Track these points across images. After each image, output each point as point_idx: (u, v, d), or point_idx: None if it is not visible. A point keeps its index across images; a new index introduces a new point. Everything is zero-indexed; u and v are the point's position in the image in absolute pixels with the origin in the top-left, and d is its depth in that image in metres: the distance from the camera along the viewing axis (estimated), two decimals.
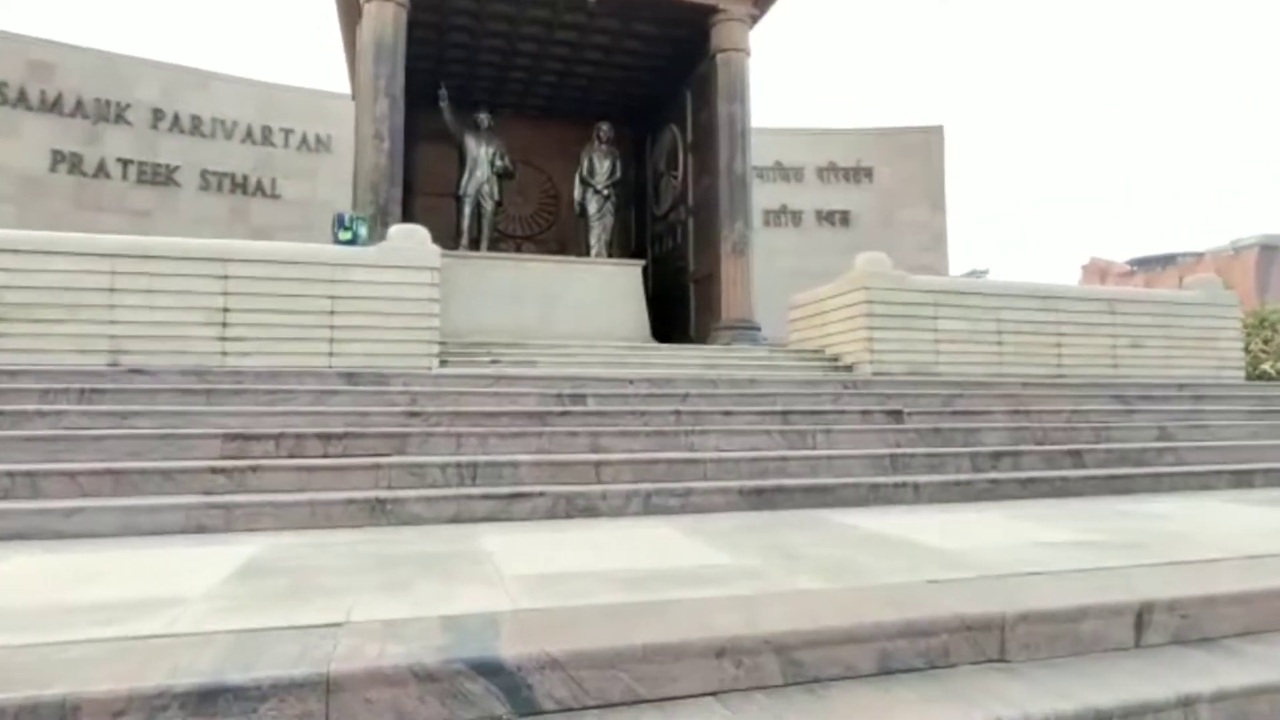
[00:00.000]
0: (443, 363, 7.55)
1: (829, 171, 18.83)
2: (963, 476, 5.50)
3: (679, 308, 13.61)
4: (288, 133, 16.34)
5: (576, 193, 13.74)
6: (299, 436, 5.02)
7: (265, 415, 5.45)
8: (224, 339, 6.89)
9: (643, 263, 13.29)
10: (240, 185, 16.12)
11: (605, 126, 13.68)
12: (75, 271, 6.63)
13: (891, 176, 18.89)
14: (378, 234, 8.13)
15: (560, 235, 15.18)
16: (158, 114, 15.46)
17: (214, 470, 4.55)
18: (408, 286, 7.24)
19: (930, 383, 7.80)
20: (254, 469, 4.60)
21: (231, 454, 4.84)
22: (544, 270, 12.71)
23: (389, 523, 4.34)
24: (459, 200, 13.08)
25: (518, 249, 14.86)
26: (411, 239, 7.36)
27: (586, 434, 5.22)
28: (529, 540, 3.88)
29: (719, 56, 12.14)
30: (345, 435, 5.05)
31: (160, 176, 15.51)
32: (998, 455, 5.87)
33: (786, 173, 18.64)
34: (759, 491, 4.89)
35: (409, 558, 3.44)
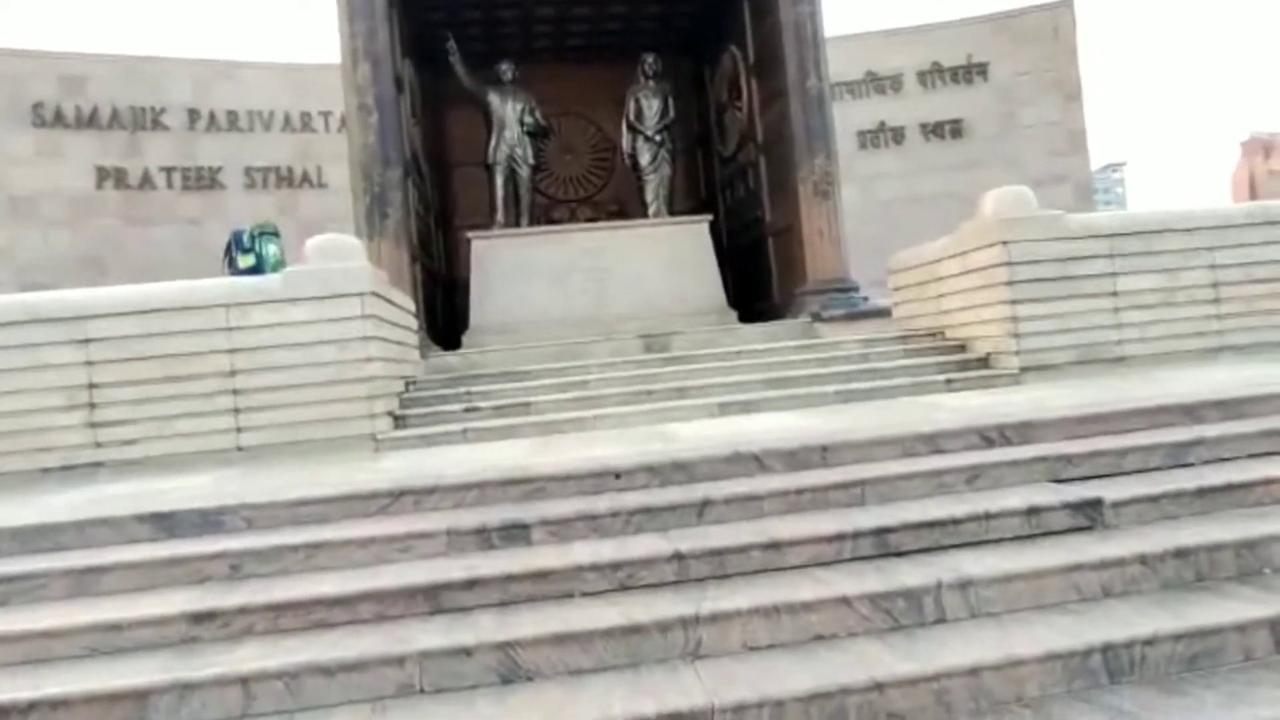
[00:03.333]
0: (398, 422, 5.12)
1: (933, 75, 14.86)
2: None
3: (758, 268, 10.61)
4: (326, 115, 14.11)
5: (625, 142, 10.83)
6: None
7: None
8: (94, 424, 4.70)
9: (708, 218, 10.32)
10: (285, 178, 14.12)
11: (650, 58, 10.60)
12: None
13: (1011, 71, 14.73)
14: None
15: (619, 194, 12.33)
16: (193, 114, 13.52)
17: None
18: (330, 325, 4.78)
19: (1124, 401, 4.65)
20: None
21: None
22: (592, 241, 10.01)
23: None
24: (489, 170, 10.48)
25: (572, 215, 12.19)
26: (334, 257, 4.87)
27: (494, 653, 2.55)
28: None
29: None
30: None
31: (204, 180, 13.67)
32: None
33: (881, 83, 14.85)
34: None
35: None
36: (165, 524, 3.21)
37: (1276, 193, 28.61)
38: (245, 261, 5.03)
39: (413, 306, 6.09)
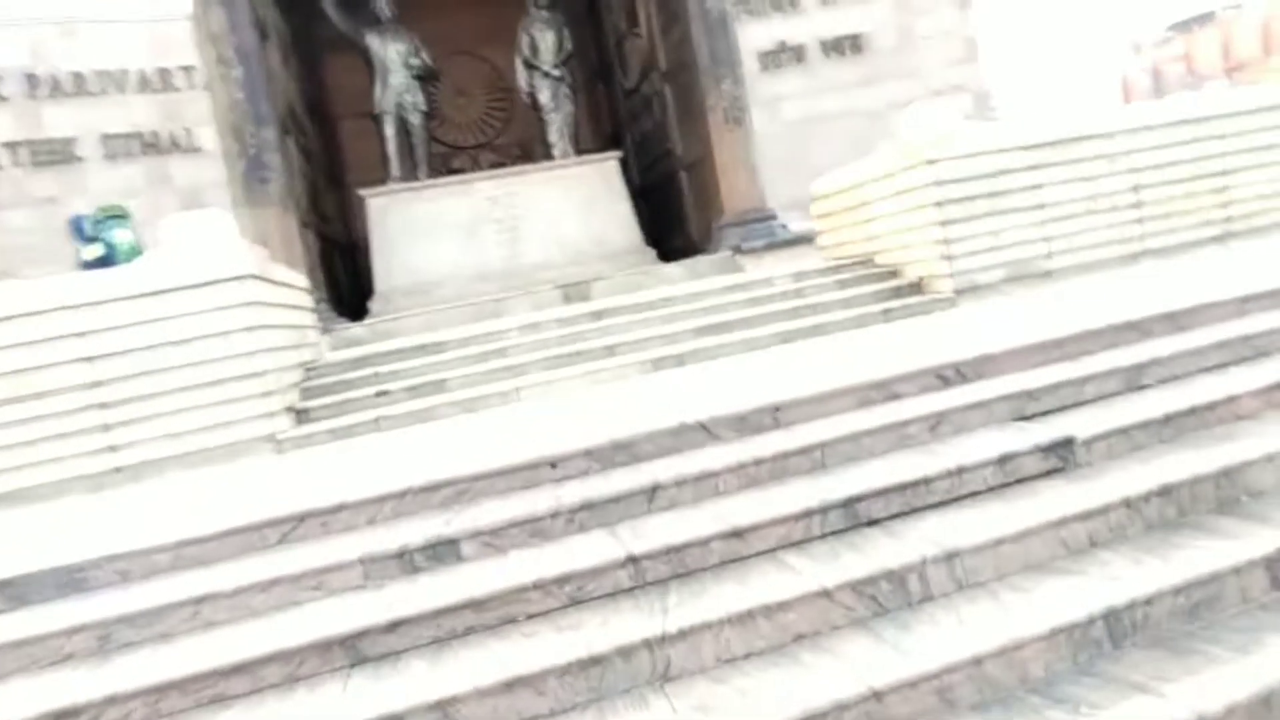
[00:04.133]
0: (301, 417, 4.51)
1: None
2: None
3: (673, 203, 10.12)
4: (189, 71, 12.63)
5: (521, 80, 9.99)
6: None
7: None
8: None
9: (618, 154, 9.71)
10: (151, 144, 12.51)
11: None
12: None
13: None
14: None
15: (522, 137, 11.52)
16: (32, 80, 11.82)
17: None
18: (204, 317, 4.09)
19: (1073, 323, 4.46)
20: None
21: None
22: (498, 188, 9.29)
23: None
24: (376, 121, 9.53)
25: (474, 163, 11.34)
26: (200, 237, 4.15)
27: (432, 715, 2.01)
28: None
29: None
30: None
31: (57, 154, 12.02)
32: None
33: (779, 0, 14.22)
34: None
35: None
36: (12, 592, 2.61)
37: (1148, 90, 29.55)
38: (91, 253, 4.26)
39: (305, 281, 5.40)
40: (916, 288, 5.37)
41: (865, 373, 3.48)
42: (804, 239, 8.28)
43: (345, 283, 10.34)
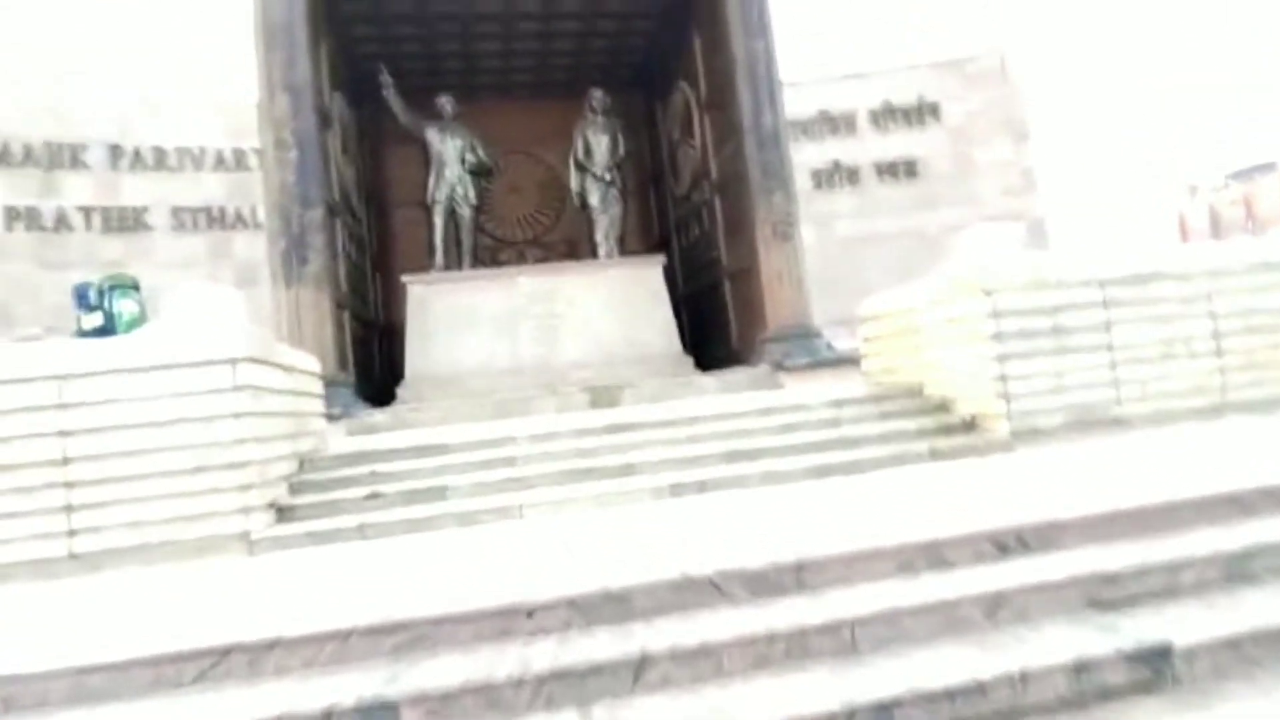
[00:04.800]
0: (283, 515, 4.10)
1: (885, 115, 14.39)
2: None
3: (715, 312, 9.82)
4: (260, 153, 13.10)
5: (573, 181, 10.01)
6: None
7: None
8: None
9: (661, 259, 9.52)
10: (217, 219, 12.94)
11: (598, 93, 9.85)
12: None
13: (963, 111, 14.36)
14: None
15: (569, 234, 11.50)
16: (116, 151, 12.33)
17: None
18: (192, 399, 3.78)
19: (1158, 490, 3.87)
20: None
21: None
22: (539, 284, 9.11)
23: None
24: (428, 210, 9.56)
25: (520, 257, 11.30)
26: (200, 313, 3.89)
27: None
28: None
29: None
30: None
31: (128, 221, 12.40)
32: None
33: (835, 122, 14.31)
34: None
35: None
36: None
37: (1205, 232, 28.97)
38: (90, 322, 4.01)
39: (316, 365, 5.10)
40: (968, 426, 4.82)
41: (907, 528, 2.93)
42: (849, 360, 7.82)
43: (382, 367, 10.17)
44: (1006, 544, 2.86)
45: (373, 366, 9.91)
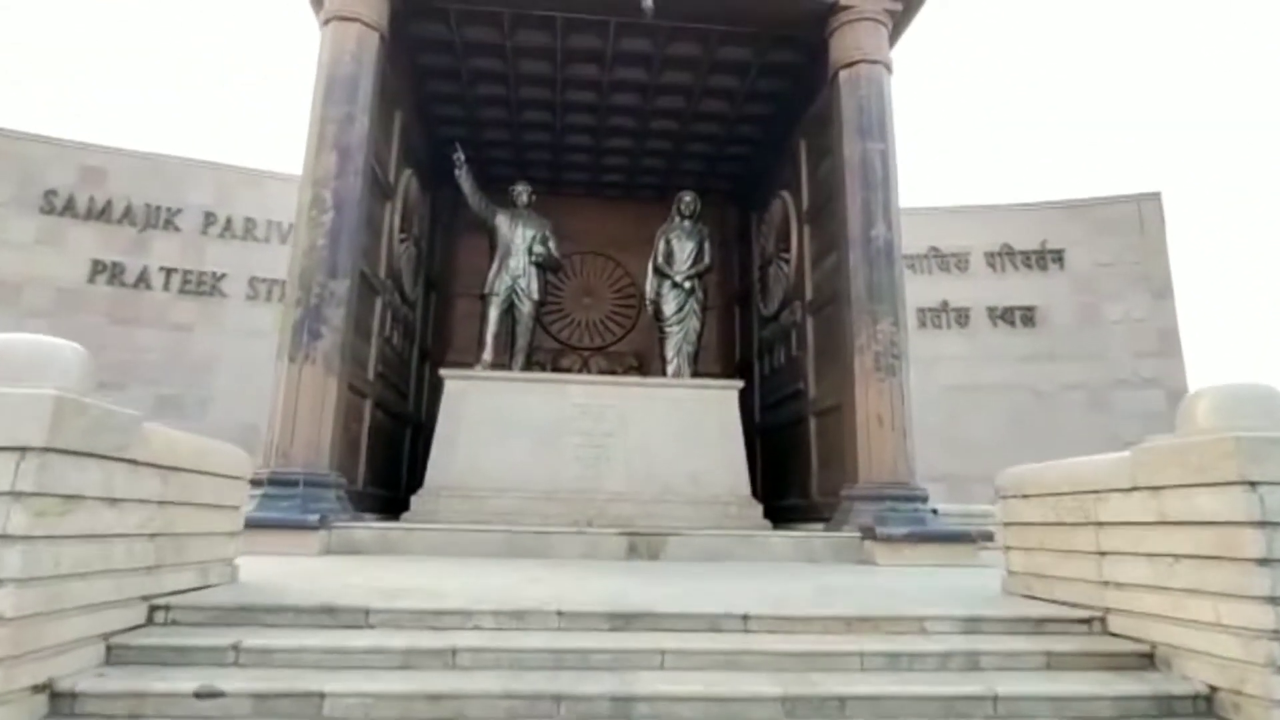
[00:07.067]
0: (57, 705, 2.48)
1: (1003, 257, 12.68)
2: None
3: (795, 452, 7.97)
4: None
5: (649, 287, 8.62)
6: None
7: None
8: None
9: (738, 384, 7.84)
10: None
11: (688, 196, 8.59)
12: None
13: (1090, 260, 12.48)
14: None
15: (640, 347, 10.06)
16: (209, 217, 11.89)
17: None
18: None
19: None
20: None
21: None
22: (593, 396, 7.57)
23: None
24: (484, 300, 8.32)
25: (583, 365, 9.89)
26: (11, 366, 2.48)
27: None
28: None
29: (843, 74, 6.84)
30: None
31: (206, 286, 11.78)
32: None
33: (945, 260, 12.68)
34: None
35: None
36: None
37: None
38: None
39: (241, 467, 3.59)
40: (1207, 704, 2.77)
41: None
42: (963, 537, 5.79)
43: (409, 468, 8.74)
44: None
45: (398, 468, 8.48)
